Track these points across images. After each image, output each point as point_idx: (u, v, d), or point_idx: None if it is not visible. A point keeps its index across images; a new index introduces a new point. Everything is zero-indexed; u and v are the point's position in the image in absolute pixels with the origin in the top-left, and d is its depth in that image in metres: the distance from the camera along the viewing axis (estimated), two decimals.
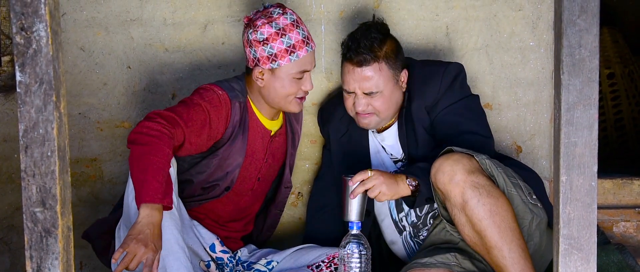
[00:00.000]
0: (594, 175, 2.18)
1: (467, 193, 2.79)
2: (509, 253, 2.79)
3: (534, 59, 3.55)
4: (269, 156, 3.20)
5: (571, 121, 2.16)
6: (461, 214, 2.83)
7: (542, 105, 3.56)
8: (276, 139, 3.22)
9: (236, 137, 3.08)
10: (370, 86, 3.07)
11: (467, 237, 2.86)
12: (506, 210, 2.81)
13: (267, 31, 2.97)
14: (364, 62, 3.05)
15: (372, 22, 3.15)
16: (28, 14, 2.05)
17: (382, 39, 3.09)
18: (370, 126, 3.17)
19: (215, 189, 3.12)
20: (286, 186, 3.33)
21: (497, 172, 2.87)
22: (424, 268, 2.95)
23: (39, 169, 2.09)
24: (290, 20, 3.00)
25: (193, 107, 2.96)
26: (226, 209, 3.18)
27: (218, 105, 3.01)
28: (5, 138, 3.57)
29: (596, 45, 2.14)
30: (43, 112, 2.08)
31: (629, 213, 3.74)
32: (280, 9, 3.01)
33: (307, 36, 3.04)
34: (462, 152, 2.87)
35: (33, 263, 2.11)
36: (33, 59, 2.06)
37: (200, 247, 3.06)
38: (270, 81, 3.03)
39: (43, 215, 2.10)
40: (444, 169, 2.83)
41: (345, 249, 2.85)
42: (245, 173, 3.15)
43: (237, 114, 3.07)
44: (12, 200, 3.59)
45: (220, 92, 3.04)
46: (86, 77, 3.54)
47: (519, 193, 2.90)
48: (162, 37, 3.53)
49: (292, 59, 2.99)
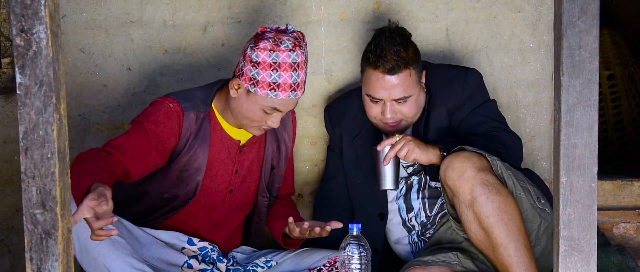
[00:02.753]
0: (594, 176, 2.17)
1: (476, 190, 2.79)
2: (515, 252, 2.79)
3: (534, 60, 3.55)
4: (239, 167, 3.13)
5: (571, 123, 2.16)
6: (469, 210, 2.83)
7: (542, 106, 3.56)
8: (247, 149, 3.15)
9: (192, 147, 3.02)
10: (401, 92, 3.04)
11: (473, 235, 2.86)
12: (514, 209, 2.81)
13: (263, 57, 2.87)
14: (395, 70, 3.01)
15: (392, 27, 3.11)
16: (28, 16, 2.05)
17: (408, 44, 3.06)
18: (399, 132, 3.17)
19: (177, 200, 3.07)
20: (263, 196, 3.23)
21: (507, 175, 2.88)
22: (426, 266, 2.96)
23: (39, 171, 2.09)
24: (291, 60, 2.88)
25: (134, 133, 2.94)
26: (199, 219, 3.11)
27: (164, 120, 2.97)
28: (5, 140, 3.57)
29: (596, 47, 2.14)
30: (43, 114, 2.08)
31: (629, 214, 3.74)
32: (292, 43, 2.88)
33: (298, 83, 2.92)
34: (473, 151, 2.88)
35: (33, 265, 2.11)
36: (33, 61, 2.06)
37: (170, 252, 3.00)
38: (242, 98, 2.96)
39: (43, 217, 2.10)
40: (454, 165, 2.83)
41: (346, 250, 2.85)
42: (211, 184, 3.09)
43: (193, 124, 3.01)
44: (12, 202, 3.59)
45: (171, 104, 2.99)
46: (86, 79, 3.54)
47: (528, 197, 2.90)
48: (162, 39, 3.53)
49: (269, 95, 2.90)
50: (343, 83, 3.55)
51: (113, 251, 2.72)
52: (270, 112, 2.95)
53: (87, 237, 2.66)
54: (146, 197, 3.07)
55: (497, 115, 3.20)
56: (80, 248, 2.74)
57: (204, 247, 3.08)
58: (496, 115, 3.19)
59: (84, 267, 2.77)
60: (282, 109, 2.96)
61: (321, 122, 3.54)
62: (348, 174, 3.33)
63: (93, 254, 2.73)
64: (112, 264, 2.71)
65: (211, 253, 3.07)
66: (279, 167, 3.25)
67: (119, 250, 2.74)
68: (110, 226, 2.64)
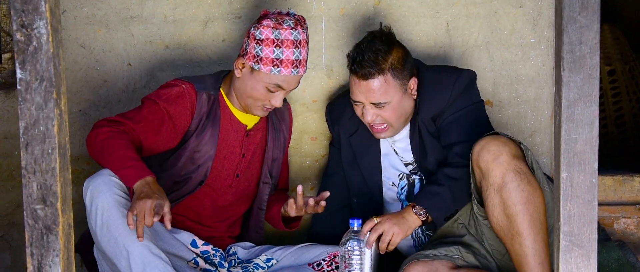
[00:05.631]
0: (594, 172, 2.18)
1: (508, 175, 2.81)
2: (533, 244, 2.81)
3: (535, 55, 3.55)
4: (245, 151, 3.19)
5: (572, 118, 2.16)
6: (496, 194, 2.84)
7: (542, 102, 3.56)
8: (253, 134, 3.20)
9: (205, 128, 3.08)
10: (377, 98, 3.06)
11: (495, 219, 2.87)
12: (541, 203, 2.83)
13: (266, 35, 2.96)
14: (368, 76, 3.04)
15: (378, 31, 3.14)
16: (28, 11, 2.05)
17: (387, 50, 3.07)
18: (386, 137, 3.18)
19: (188, 183, 3.10)
20: (265, 182, 3.27)
21: (536, 166, 2.90)
22: (427, 260, 2.97)
23: (40, 166, 2.09)
24: (293, 38, 2.96)
25: (147, 108, 3.01)
26: (204, 205, 3.15)
27: (177, 100, 3.03)
28: (5, 135, 3.57)
29: (597, 42, 2.14)
30: (43, 110, 2.08)
31: (630, 210, 3.74)
32: (294, 23, 2.98)
33: (300, 61, 3.00)
34: (510, 137, 2.90)
35: (34, 260, 2.11)
36: (33, 56, 2.06)
37: (181, 247, 3.03)
38: (246, 77, 3.03)
39: (44, 212, 2.10)
40: (490, 147, 2.85)
41: (346, 246, 2.85)
42: (220, 168, 3.14)
43: (205, 105, 3.08)
44: (13, 197, 3.59)
45: (184, 85, 3.06)
46: (86, 75, 3.54)
47: (551, 191, 2.92)
48: (163, 34, 3.53)
49: (272, 71, 2.97)
50: (344, 79, 3.55)
51: (134, 233, 2.73)
52: (273, 89, 3.01)
53: (110, 215, 2.72)
54: (158, 182, 3.09)
55: (472, 122, 3.16)
56: (103, 225, 2.75)
57: (206, 251, 3.10)
58: (469, 123, 3.15)
59: (102, 244, 2.77)
60: (285, 86, 3.02)
61: (321, 117, 3.54)
62: (346, 172, 3.34)
63: (114, 233, 2.74)
64: (131, 245, 2.72)
65: (213, 258, 3.09)
66: (278, 158, 3.30)
67: None
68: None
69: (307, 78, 3.52)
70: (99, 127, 2.91)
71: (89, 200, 2.76)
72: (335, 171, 3.41)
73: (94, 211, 2.75)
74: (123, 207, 2.74)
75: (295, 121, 3.53)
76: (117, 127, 2.91)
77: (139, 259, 2.71)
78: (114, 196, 2.75)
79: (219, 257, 3.11)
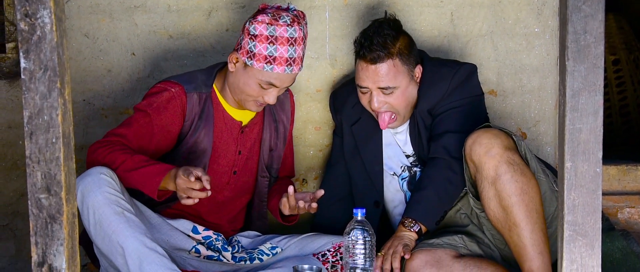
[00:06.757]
0: (598, 161, 2.17)
1: (501, 167, 2.81)
2: (531, 234, 2.81)
3: (539, 45, 3.54)
4: (242, 148, 3.17)
5: (576, 107, 2.16)
6: (491, 187, 2.84)
7: (546, 91, 3.56)
8: (249, 130, 3.18)
9: (198, 129, 3.06)
10: (385, 82, 3.06)
11: (492, 212, 2.87)
12: (536, 192, 2.84)
13: (260, 30, 2.92)
14: (377, 59, 3.04)
15: (384, 18, 3.14)
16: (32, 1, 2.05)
17: (395, 36, 3.08)
18: (395, 127, 3.18)
19: None
20: (262, 175, 3.26)
21: (530, 156, 2.91)
22: (431, 248, 2.98)
23: (44, 156, 2.09)
24: (288, 35, 2.92)
25: (136, 122, 2.99)
26: (202, 202, 3.10)
27: (167, 106, 3.01)
28: (10, 125, 3.58)
29: (601, 31, 2.14)
30: (47, 99, 2.08)
31: (634, 199, 3.74)
32: (291, 19, 2.92)
33: (295, 59, 2.95)
34: (501, 129, 2.90)
35: (38, 249, 2.12)
36: (37, 46, 2.06)
37: (180, 237, 3.03)
38: (240, 72, 3.00)
39: (48, 201, 2.10)
40: (481, 140, 2.85)
41: (350, 235, 2.85)
42: (216, 166, 3.12)
43: (196, 106, 3.05)
44: (17, 186, 3.60)
45: (173, 88, 3.03)
46: (90, 64, 3.54)
47: (548, 180, 2.94)
48: (166, 24, 3.53)
49: (265, 68, 2.94)
50: (347, 68, 3.55)
51: (127, 228, 2.74)
52: (266, 86, 2.98)
53: (102, 214, 2.74)
54: None
55: (466, 117, 3.15)
56: (95, 223, 2.76)
57: (208, 236, 3.09)
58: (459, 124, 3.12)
59: (97, 242, 2.79)
60: (277, 84, 2.98)
61: (325, 107, 3.54)
62: (347, 161, 3.34)
63: (107, 231, 2.75)
64: (126, 241, 2.73)
65: (216, 242, 3.09)
66: (277, 149, 3.27)
67: (134, 228, 2.76)
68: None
69: (311, 68, 3.52)
70: (93, 151, 2.91)
71: (80, 200, 2.77)
72: (338, 161, 3.41)
73: (85, 210, 2.77)
74: (114, 204, 2.75)
75: (299, 111, 3.53)
76: (112, 147, 2.91)
77: (135, 254, 2.72)
78: (105, 193, 2.76)
79: (221, 241, 3.10)
